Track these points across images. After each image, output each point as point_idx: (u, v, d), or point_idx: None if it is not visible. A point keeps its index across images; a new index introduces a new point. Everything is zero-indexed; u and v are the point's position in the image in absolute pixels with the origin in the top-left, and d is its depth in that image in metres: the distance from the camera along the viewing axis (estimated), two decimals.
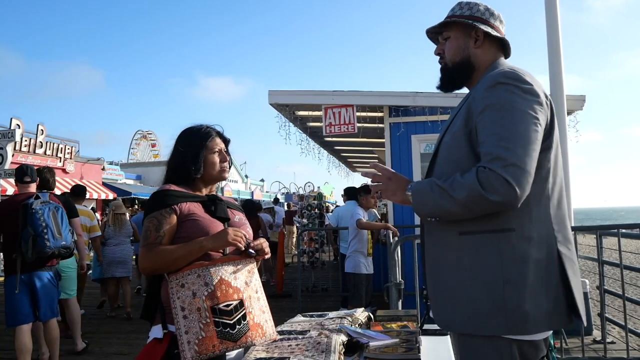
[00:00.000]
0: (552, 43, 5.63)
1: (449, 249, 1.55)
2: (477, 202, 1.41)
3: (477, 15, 1.70)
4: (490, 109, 1.47)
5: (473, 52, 1.69)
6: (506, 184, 1.37)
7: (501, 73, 1.53)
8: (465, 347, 1.54)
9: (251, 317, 1.77)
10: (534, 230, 1.47)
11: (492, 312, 1.45)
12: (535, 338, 1.48)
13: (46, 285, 4.12)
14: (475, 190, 1.39)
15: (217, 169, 2.03)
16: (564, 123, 5.65)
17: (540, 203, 1.50)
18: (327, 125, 7.24)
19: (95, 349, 5.27)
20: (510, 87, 1.48)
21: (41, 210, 3.92)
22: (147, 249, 1.84)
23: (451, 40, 1.72)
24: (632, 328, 4.96)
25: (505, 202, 1.39)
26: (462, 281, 1.51)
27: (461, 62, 1.70)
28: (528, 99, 1.47)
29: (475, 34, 1.69)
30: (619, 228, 4.72)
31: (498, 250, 1.47)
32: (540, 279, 1.45)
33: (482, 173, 1.40)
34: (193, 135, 2.03)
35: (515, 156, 1.39)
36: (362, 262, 5.64)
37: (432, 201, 1.50)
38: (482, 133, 1.48)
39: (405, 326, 2.29)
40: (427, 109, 6.84)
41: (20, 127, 16.06)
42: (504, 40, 1.71)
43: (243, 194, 32.46)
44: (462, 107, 1.62)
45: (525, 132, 1.42)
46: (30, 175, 4.22)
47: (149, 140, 40.21)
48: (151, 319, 1.92)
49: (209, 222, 1.91)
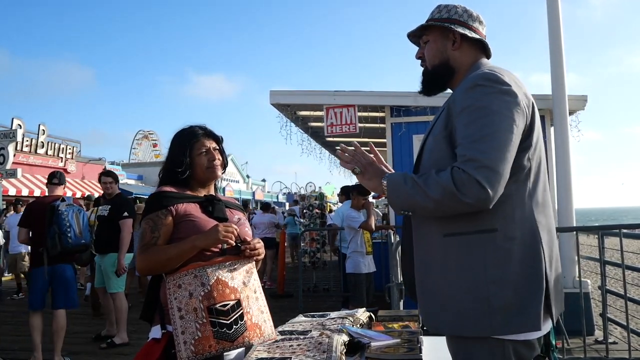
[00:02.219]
0: (554, 43, 5.62)
1: (434, 251, 1.56)
2: (449, 200, 1.42)
3: (455, 17, 1.71)
4: (467, 111, 1.48)
5: (451, 54, 1.70)
6: (478, 185, 1.38)
7: (479, 75, 1.53)
8: (457, 348, 1.55)
9: (249, 317, 1.76)
10: (517, 230, 1.48)
11: (477, 313, 1.45)
12: (528, 338, 1.48)
13: (65, 277, 4.66)
14: (449, 189, 1.40)
15: (205, 168, 2.04)
16: (566, 123, 5.62)
17: (523, 203, 1.50)
18: (329, 125, 7.25)
19: (96, 349, 5.28)
20: (487, 88, 1.49)
21: (66, 212, 4.54)
22: (142, 250, 1.86)
23: (430, 44, 1.74)
24: (634, 328, 4.94)
25: (476, 204, 1.40)
26: (447, 283, 1.51)
27: (440, 65, 1.72)
28: (505, 100, 1.47)
29: (452, 37, 1.70)
30: (621, 228, 4.71)
31: (482, 251, 1.47)
32: (525, 279, 1.46)
33: (457, 173, 1.41)
34: (179, 138, 2.08)
35: (488, 158, 1.40)
36: (361, 262, 5.64)
37: (405, 194, 1.50)
38: (458, 134, 1.49)
39: (407, 326, 2.29)
40: (429, 108, 6.83)
41: (21, 127, 16.09)
42: (483, 42, 1.71)
43: (244, 194, 32.48)
44: (444, 109, 1.63)
45: (499, 134, 1.43)
46: (58, 178, 4.89)
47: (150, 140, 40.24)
48: (150, 319, 1.93)
49: (205, 222, 1.92)
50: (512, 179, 1.46)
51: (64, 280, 4.66)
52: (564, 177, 5.50)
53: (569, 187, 5.49)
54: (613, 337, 5.15)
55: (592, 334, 5.22)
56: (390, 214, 7.29)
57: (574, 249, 5.20)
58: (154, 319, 1.91)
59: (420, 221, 1.62)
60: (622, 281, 4.65)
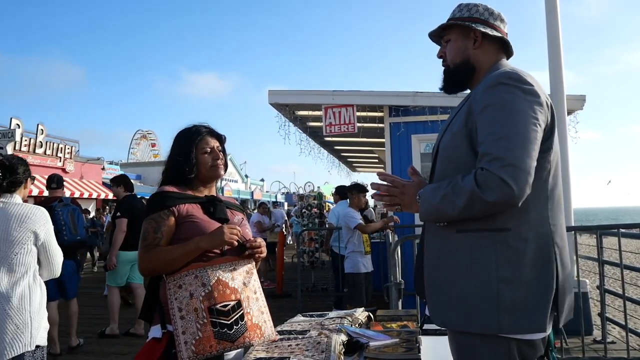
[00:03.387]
0: (553, 42, 5.62)
1: (445, 245, 1.56)
2: (475, 204, 1.42)
3: (476, 16, 1.71)
4: (490, 109, 1.48)
5: (472, 53, 1.70)
6: (503, 183, 1.37)
7: (502, 73, 1.53)
8: (461, 345, 1.54)
9: (249, 318, 1.76)
10: (530, 230, 1.48)
11: (486, 311, 1.45)
12: (533, 337, 1.48)
13: (69, 272, 4.93)
14: (474, 193, 1.41)
15: (209, 167, 2.03)
16: (564, 123, 5.63)
17: (539, 204, 1.50)
18: (327, 125, 7.24)
19: (95, 349, 5.27)
20: (511, 87, 1.48)
21: (61, 212, 4.96)
22: (145, 251, 1.85)
23: (451, 43, 1.74)
24: (633, 328, 4.95)
25: (502, 201, 1.39)
26: (457, 278, 1.51)
27: (461, 64, 1.72)
28: (528, 99, 1.47)
29: (473, 35, 1.70)
30: (619, 228, 4.72)
31: (494, 249, 1.47)
32: (536, 280, 1.45)
33: (480, 175, 1.41)
34: (184, 137, 2.06)
35: (514, 156, 1.39)
36: (360, 262, 5.65)
37: (436, 210, 1.52)
38: (481, 133, 1.48)
39: (405, 326, 2.29)
40: (427, 108, 6.83)
41: (20, 127, 16.08)
42: (504, 40, 1.71)
43: (243, 194, 32.45)
44: (463, 106, 1.63)
45: (524, 133, 1.42)
46: (56, 182, 5.28)
47: (148, 140, 40.17)
48: (150, 319, 1.92)
49: (207, 223, 1.91)
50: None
51: (67, 274, 4.89)
52: (562, 177, 5.50)
53: (567, 187, 5.49)
54: (611, 336, 5.16)
55: (591, 334, 5.22)
56: (389, 213, 7.29)
57: (572, 249, 5.19)
58: (153, 319, 1.91)
59: None
60: (621, 281, 4.65)
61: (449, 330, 1.59)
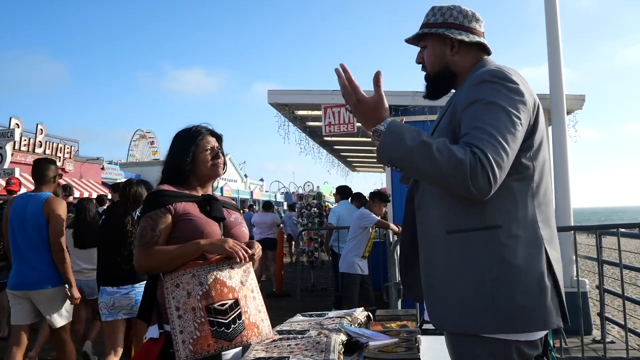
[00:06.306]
0: (552, 44, 5.61)
1: (438, 248, 1.55)
2: (457, 179, 1.36)
3: (450, 21, 1.66)
4: (474, 105, 1.47)
5: (451, 59, 1.67)
6: (487, 179, 1.35)
7: (488, 71, 1.52)
8: (459, 347, 1.54)
9: (247, 317, 1.76)
10: (520, 228, 1.47)
11: (482, 311, 1.45)
12: (530, 338, 1.47)
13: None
14: (463, 170, 1.34)
15: (210, 165, 2.04)
16: (564, 122, 5.62)
17: (526, 202, 1.50)
18: (327, 124, 7.22)
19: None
20: (495, 85, 1.48)
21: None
22: (143, 249, 1.85)
23: (428, 49, 1.71)
24: (632, 327, 4.96)
25: (477, 194, 1.37)
26: (452, 280, 1.51)
27: (441, 71, 1.69)
28: (512, 97, 1.46)
29: (450, 42, 1.67)
30: (619, 227, 4.72)
31: (486, 248, 1.46)
32: (529, 278, 1.45)
33: (473, 161, 1.35)
34: (184, 136, 2.07)
35: (497, 154, 1.37)
36: (357, 263, 5.61)
37: (407, 150, 1.41)
38: (464, 126, 1.47)
39: (405, 326, 2.29)
40: (427, 108, 6.82)
41: (19, 127, 16.06)
42: (481, 43, 1.68)
43: (242, 194, 32.45)
44: (449, 106, 1.62)
45: (505, 130, 1.41)
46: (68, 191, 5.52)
47: (147, 139, 40.13)
48: (148, 319, 1.92)
49: (204, 221, 1.92)
50: (514, 176, 1.46)
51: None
52: (561, 177, 5.50)
53: (566, 187, 5.49)
54: (611, 336, 5.16)
55: (590, 334, 5.22)
56: (389, 213, 7.28)
57: (571, 249, 5.20)
58: (151, 319, 1.91)
59: (423, 219, 1.62)
60: (620, 280, 4.65)
61: (445, 332, 1.59)
